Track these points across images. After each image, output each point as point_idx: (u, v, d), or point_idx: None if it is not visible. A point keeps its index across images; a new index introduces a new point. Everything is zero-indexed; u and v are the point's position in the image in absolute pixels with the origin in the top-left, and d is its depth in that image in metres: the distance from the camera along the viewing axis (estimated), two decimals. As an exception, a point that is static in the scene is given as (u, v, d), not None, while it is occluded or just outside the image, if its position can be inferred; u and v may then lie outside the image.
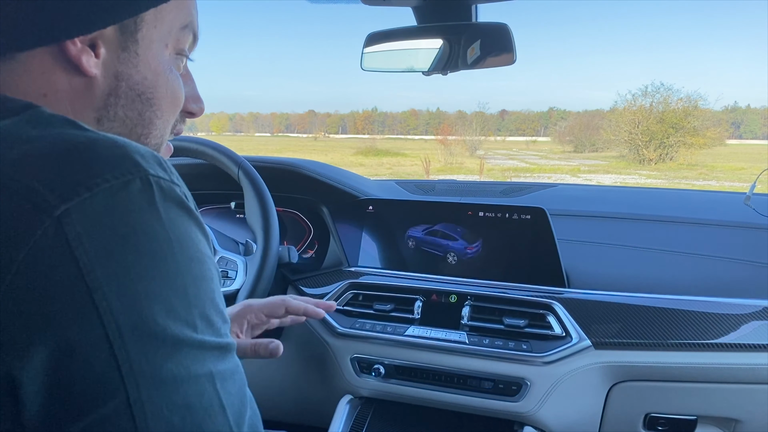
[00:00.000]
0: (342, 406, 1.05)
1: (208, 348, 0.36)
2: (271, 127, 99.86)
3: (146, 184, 0.35)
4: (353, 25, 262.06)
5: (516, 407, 0.96)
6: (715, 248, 1.10)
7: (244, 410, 0.39)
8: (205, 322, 0.36)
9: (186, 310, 0.35)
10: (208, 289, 0.37)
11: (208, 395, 0.35)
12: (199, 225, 0.39)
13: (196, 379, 0.35)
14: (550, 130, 60.33)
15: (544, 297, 1.02)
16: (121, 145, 0.36)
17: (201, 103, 0.55)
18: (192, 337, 0.35)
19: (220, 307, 0.39)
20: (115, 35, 0.43)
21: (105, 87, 0.44)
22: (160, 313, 0.33)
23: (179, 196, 0.38)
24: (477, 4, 0.92)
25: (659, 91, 23.56)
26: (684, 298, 0.98)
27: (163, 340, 0.33)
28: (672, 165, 19.06)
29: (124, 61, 0.44)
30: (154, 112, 0.48)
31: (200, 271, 0.37)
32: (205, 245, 0.39)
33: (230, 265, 0.99)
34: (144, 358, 0.33)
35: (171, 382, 0.33)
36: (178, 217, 0.37)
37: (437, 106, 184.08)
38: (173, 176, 0.38)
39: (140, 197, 0.35)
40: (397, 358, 1.03)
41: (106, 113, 0.45)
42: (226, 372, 0.37)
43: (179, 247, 0.36)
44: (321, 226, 1.26)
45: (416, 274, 1.14)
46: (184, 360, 0.34)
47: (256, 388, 0.43)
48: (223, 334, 0.38)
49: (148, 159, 0.37)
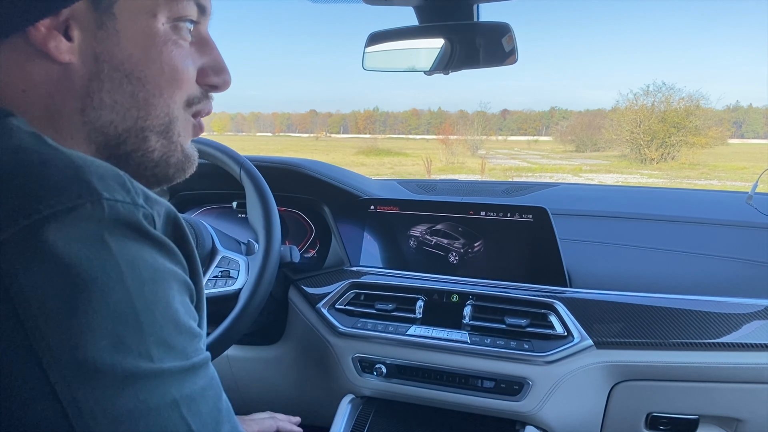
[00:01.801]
0: (344, 405, 1.06)
1: (168, 375, 0.33)
2: (272, 126, 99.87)
3: (97, 208, 0.32)
4: (355, 25, 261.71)
5: (518, 407, 0.96)
6: (717, 248, 1.09)
7: (218, 428, 0.36)
8: (164, 348, 0.33)
9: (137, 341, 0.32)
10: (167, 311, 0.34)
11: (173, 424, 0.33)
12: (158, 244, 0.36)
13: (157, 410, 0.32)
14: (551, 130, 60.25)
15: (546, 296, 1.02)
16: (76, 166, 0.33)
17: (224, 75, 0.49)
18: (147, 367, 0.32)
19: (185, 326, 0.36)
20: (88, 12, 0.39)
21: (84, 72, 0.40)
22: (106, 349, 0.30)
23: (135, 219, 0.34)
24: (478, 4, 0.92)
25: (661, 90, 23.57)
26: (686, 298, 0.98)
27: (113, 376, 0.30)
28: (674, 164, 19.03)
29: (102, 40, 0.40)
30: (148, 91, 0.43)
31: (155, 295, 0.34)
32: (166, 263, 0.36)
33: (232, 264, 0.99)
34: (92, 398, 0.30)
35: (128, 418, 0.31)
36: (128, 241, 0.33)
37: (439, 105, 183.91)
38: (138, 198, 0.35)
39: (86, 223, 0.32)
40: (399, 358, 1.03)
41: (90, 101, 0.41)
42: (194, 393, 0.35)
43: (130, 272, 0.32)
44: (323, 226, 1.26)
45: (418, 274, 1.14)
46: (140, 394, 0.31)
47: (257, 388, 0.43)
48: (191, 353, 0.35)
49: (107, 181, 0.34)
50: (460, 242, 1.14)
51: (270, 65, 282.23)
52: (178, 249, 0.38)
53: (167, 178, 0.48)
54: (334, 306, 1.11)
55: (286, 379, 1.18)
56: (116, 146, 0.44)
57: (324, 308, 1.11)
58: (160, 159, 0.46)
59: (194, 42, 0.47)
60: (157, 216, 0.36)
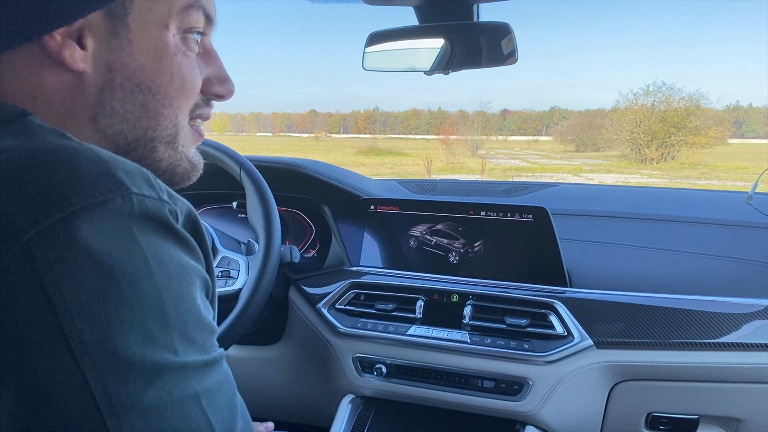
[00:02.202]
0: (344, 405, 1.06)
1: (191, 368, 0.34)
2: (272, 126, 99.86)
3: (127, 202, 0.33)
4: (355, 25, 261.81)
5: (518, 407, 0.96)
6: (717, 247, 1.09)
7: (234, 423, 0.37)
8: (187, 342, 0.34)
9: (165, 334, 0.33)
10: (190, 306, 0.35)
11: (195, 417, 0.33)
12: (181, 241, 0.37)
13: (180, 402, 0.33)
14: (551, 130, 60.25)
15: (546, 296, 1.02)
16: (104, 161, 0.34)
17: (229, 84, 0.50)
18: (173, 360, 0.33)
19: (205, 321, 0.37)
20: (103, 23, 0.40)
21: (97, 81, 0.41)
22: (137, 341, 0.31)
23: (162, 215, 0.35)
24: (478, 4, 0.92)
25: (661, 90, 23.54)
26: (686, 298, 0.98)
27: (142, 368, 0.31)
28: (674, 164, 19.03)
29: (115, 49, 0.41)
30: (159, 101, 0.44)
31: (180, 289, 0.35)
32: (188, 259, 0.37)
33: (232, 264, 0.99)
34: (123, 390, 0.30)
35: (154, 410, 0.31)
36: (155, 236, 0.34)
37: (439, 105, 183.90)
38: (162, 194, 0.36)
39: (117, 217, 0.32)
40: (399, 358, 1.03)
41: (102, 110, 0.42)
42: (212, 387, 0.36)
43: (158, 267, 0.33)
44: (323, 226, 1.26)
45: (418, 274, 1.14)
46: (165, 386, 0.32)
47: (258, 388, 0.43)
48: (209, 347, 0.37)
49: (134, 176, 0.35)
50: (460, 242, 1.14)
51: (270, 65, 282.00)
52: (198, 245, 0.39)
53: (172, 185, 0.48)
54: (334, 306, 1.11)
55: (286, 379, 1.18)
56: (125, 155, 0.44)
57: (324, 308, 1.11)
58: (166, 168, 0.47)
59: (200, 53, 0.47)
60: (180, 212, 0.37)
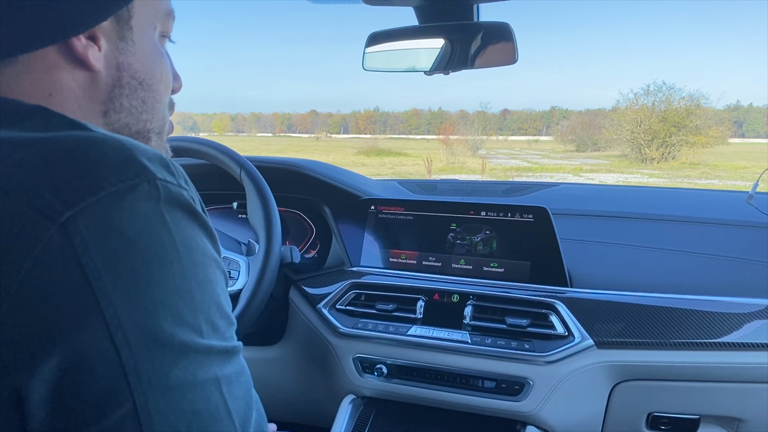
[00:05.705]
0: (344, 406, 1.06)
1: (214, 353, 0.36)
2: (273, 127, 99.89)
3: (153, 188, 0.35)
4: (355, 25, 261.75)
5: (518, 407, 0.96)
6: (718, 247, 1.09)
7: (249, 413, 0.38)
8: (211, 327, 0.36)
9: (192, 316, 0.34)
10: (213, 293, 0.37)
11: (214, 400, 0.35)
12: (205, 229, 0.39)
13: (203, 384, 0.34)
14: (552, 130, 60.24)
15: (547, 296, 1.02)
16: (128, 148, 0.36)
17: (179, 80, 0.55)
18: (198, 342, 0.35)
19: (225, 311, 0.39)
20: (112, 26, 0.43)
21: (109, 79, 0.44)
22: (167, 320, 0.33)
23: (186, 200, 0.37)
24: (478, 4, 0.92)
25: (661, 90, 23.49)
26: (686, 297, 0.98)
27: (171, 346, 0.33)
28: (674, 164, 19.01)
29: (123, 51, 0.44)
30: (154, 96, 0.48)
31: (205, 276, 0.36)
32: (211, 248, 0.39)
33: (233, 265, 0.99)
34: (151, 365, 0.32)
35: (178, 388, 0.33)
36: (183, 221, 0.36)
37: (439, 105, 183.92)
38: (180, 180, 0.38)
39: (147, 202, 0.34)
40: (400, 358, 1.03)
41: (112, 105, 0.45)
42: (231, 375, 0.37)
43: (185, 252, 0.35)
44: (323, 226, 1.26)
45: (418, 274, 1.14)
46: (190, 366, 0.34)
47: (258, 388, 0.43)
48: (229, 337, 0.38)
49: (155, 162, 0.36)
50: (460, 242, 1.14)
51: (270, 66, 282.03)
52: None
53: None
54: (334, 306, 1.11)
55: (286, 379, 1.18)
56: None
57: (325, 308, 1.11)
58: None
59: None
60: (195, 200, 0.39)
